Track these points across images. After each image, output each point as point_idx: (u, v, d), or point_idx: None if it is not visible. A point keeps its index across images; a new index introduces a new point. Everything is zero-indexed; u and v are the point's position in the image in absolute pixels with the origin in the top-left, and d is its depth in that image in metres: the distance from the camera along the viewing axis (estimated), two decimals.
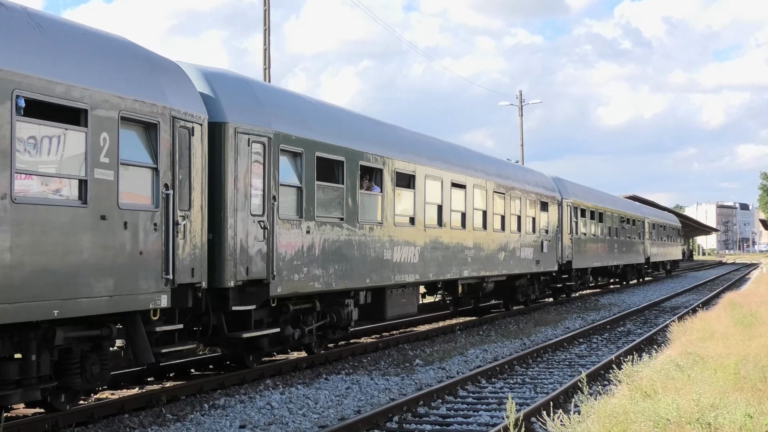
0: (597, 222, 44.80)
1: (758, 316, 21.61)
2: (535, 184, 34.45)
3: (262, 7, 34.37)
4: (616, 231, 50.21)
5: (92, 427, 12.57)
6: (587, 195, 44.21)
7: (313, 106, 19.34)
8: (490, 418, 13.54)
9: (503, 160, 35.23)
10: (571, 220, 38.61)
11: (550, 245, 34.84)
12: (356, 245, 19.23)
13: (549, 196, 35.63)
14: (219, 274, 14.93)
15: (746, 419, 9.17)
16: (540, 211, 33.92)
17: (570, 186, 40.58)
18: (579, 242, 39.97)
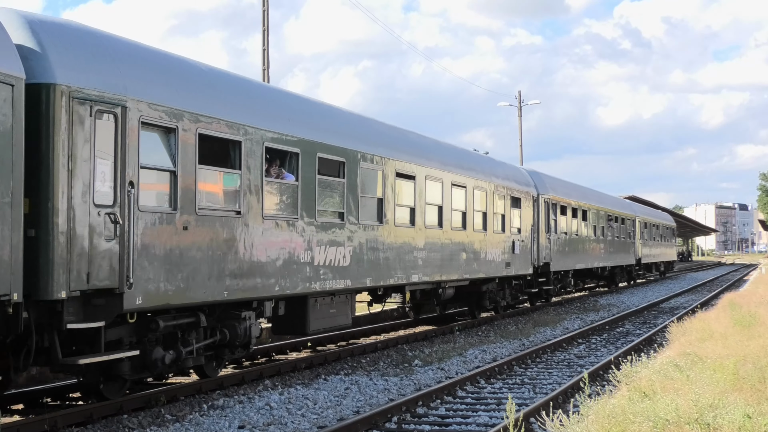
0: (580, 220, 41.13)
1: (757, 316, 21.62)
2: (506, 177, 30.64)
3: (261, 8, 34.35)
4: (603, 230, 46.38)
5: (91, 428, 12.56)
6: (569, 191, 40.59)
7: (196, 71, 15.66)
8: (489, 418, 13.54)
9: (467, 149, 30.62)
10: (550, 218, 35.11)
11: (524, 246, 31.33)
12: (258, 245, 15.66)
13: (522, 191, 31.91)
14: (44, 282, 11.61)
15: (745, 419, 9.17)
16: (511, 207, 30.27)
17: (548, 181, 37.03)
18: (558, 242, 36.47)
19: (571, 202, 39.45)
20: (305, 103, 19.05)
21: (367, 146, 20.02)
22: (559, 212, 36.96)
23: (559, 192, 37.69)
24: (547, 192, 35.31)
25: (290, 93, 19.67)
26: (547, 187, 35.57)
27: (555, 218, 35.92)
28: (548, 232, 34.81)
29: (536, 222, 33.44)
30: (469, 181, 26.37)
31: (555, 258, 35.62)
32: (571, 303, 39.37)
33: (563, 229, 37.52)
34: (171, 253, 13.47)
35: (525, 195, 32.11)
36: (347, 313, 19.56)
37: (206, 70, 16.02)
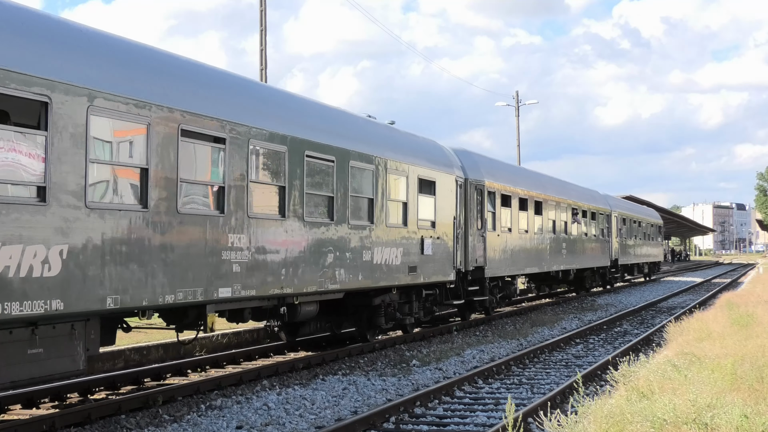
0: (532, 214, 33.73)
1: (755, 316, 21.64)
2: (413, 153, 23.05)
3: (259, 8, 34.34)
4: (566, 226, 38.95)
5: (89, 428, 12.56)
6: (515, 177, 33.19)
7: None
8: (487, 418, 13.54)
9: (342, 110, 21.86)
10: (485, 210, 28.08)
11: (440, 245, 23.89)
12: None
13: (440, 173, 24.25)
14: None
15: (743, 419, 9.18)
16: (419, 194, 22.59)
17: (484, 164, 29.62)
18: (498, 241, 29.36)
19: (518, 191, 32.26)
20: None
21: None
22: (500, 203, 29.85)
23: (500, 178, 30.52)
24: (481, 177, 28.10)
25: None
26: (481, 171, 28.37)
27: (493, 210, 29.00)
28: (482, 228, 27.76)
29: (464, 214, 26.40)
30: (340, 152, 18.66)
31: (492, 261, 28.55)
32: (569, 303, 39.39)
33: (506, 224, 30.57)
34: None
35: (444, 179, 24.39)
36: (72, 353, 12.14)
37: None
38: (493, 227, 28.98)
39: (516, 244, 31.60)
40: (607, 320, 29.67)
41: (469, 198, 27.00)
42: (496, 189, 29.61)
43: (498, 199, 29.74)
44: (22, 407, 13.79)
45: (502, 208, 30.32)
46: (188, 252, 13.75)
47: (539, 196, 35.20)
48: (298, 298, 17.39)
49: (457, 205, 25.68)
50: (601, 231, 46.86)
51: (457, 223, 25.58)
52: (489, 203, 28.78)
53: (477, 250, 27.29)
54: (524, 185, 33.54)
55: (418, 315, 23.57)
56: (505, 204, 30.79)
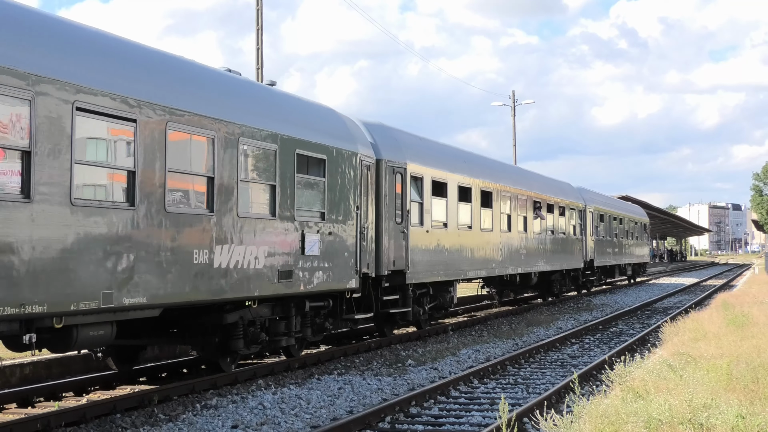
0: (478, 206, 28.24)
1: (750, 316, 21.67)
2: (286, 118, 17.71)
3: (255, 7, 34.33)
4: (525, 222, 33.58)
5: (84, 427, 12.55)
6: (452, 161, 27.40)
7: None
8: (483, 418, 13.54)
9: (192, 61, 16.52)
10: (407, 200, 22.65)
11: (333, 243, 18.68)
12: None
13: (334, 149, 18.80)
14: None
15: (738, 420, 9.18)
16: (297, 174, 17.28)
17: (406, 141, 24.08)
18: (426, 238, 23.87)
19: (458, 178, 26.75)
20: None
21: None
22: (430, 192, 24.39)
23: (431, 161, 25.08)
24: (403, 158, 22.71)
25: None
26: (402, 151, 22.92)
27: (421, 201, 23.70)
28: (403, 223, 22.35)
29: (374, 205, 21.03)
30: (146, 112, 13.26)
31: (418, 263, 23.14)
32: (565, 303, 39.41)
33: (439, 218, 25.24)
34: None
35: (339, 156, 19.01)
36: None
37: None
38: (419, 221, 23.49)
39: (453, 242, 25.95)
40: (603, 320, 29.67)
41: (383, 184, 21.38)
42: (425, 174, 23.97)
43: (427, 186, 24.10)
44: (17, 406, 13.79)
45: (435, 199, 24.68)
46: None
47: (489, 185, 29.47)
48: (62, 319, 11.94)
49: (361, 191, 19.98)
50: (573, 228, 41.39)
51: (362, 215, 19.96)
52: (414, 192, 23.35)
53: (395, 250, 21.76)
54: (467, 171, 27.77)
55: (302, 334, 18.35)
56: (439, 193, 25.13)
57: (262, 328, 17.05)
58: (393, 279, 21.98)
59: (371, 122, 22.92)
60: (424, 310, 24.69)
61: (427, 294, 24.75)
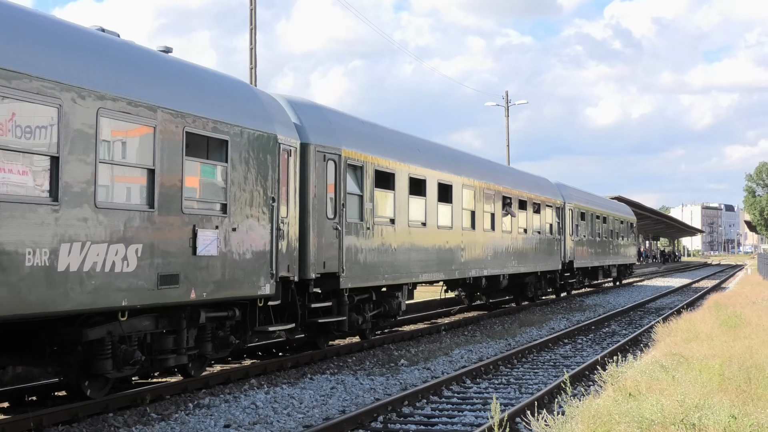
0: (434, 200, 25.00)
1: (743, 317, 21.70)
2: (185, 93, 14.75)
3: (249, 6, 34.32)
4: (492, 219, 30.40)
5: (77, 426, 12.54)
6: (400, 148, 23.78)
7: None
8: (475, 418, 13.56)
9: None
10: (342, 192, 19.47)
11: (239, 241, 15.68)
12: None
13: (240, 129, 15.74)
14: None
15: (730, 420, 9.20)
16: (186, 158, 14.26)
17: (342, 124, 20.72)
18: (368, 236, 20.76)
19: (408, 168, 23.39)
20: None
21: None
22: (373, 183, 21.19)
23: (374, 147, 21.68)
24: (337, 144, 19.43)
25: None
26: (336, 136, 19.70)
27: (360, 193, 20.52)
28: (336, 218, 19.29)
29: (297, 196, 17.96)
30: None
31: (355, 265, 20.08)
32: (558, 303, 39.43)
33: (385, 213, 21.99)
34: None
35: (247, 139, 15.95)
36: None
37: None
38: (359, 217, 20.40)
39: (403, 241, 22.74)
40: (596, 320, 29.70)
41: (310, 172, 18.43)
42: (367, 163, 20.83)
43: (370, 177, 20.94)
44: (9, 405, 13.76)
45: (379, 191, 21.57)
46: None
47: (448, 177, 26.23)
48: None
49: (280, 181, 17.04)
50: (549, 227, 38.32)
51: (281, 208, 17.08)
52: (353, 182, 20.32)
53: (326, 250, 18.82)
54: (421, 161, 24.47)
55: (199, 351, 15.57)
56: (385, 185, 22.02)
57: (141, 345, 14.18)
58: (325, 283, 19.09)
59: (298, 100, 19.81)
60: (365, 318, 21.35)
61: (369, 300, 21.61)
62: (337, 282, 19.30)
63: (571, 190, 44.32)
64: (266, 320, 17.28)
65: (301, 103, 19.59)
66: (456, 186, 26.80)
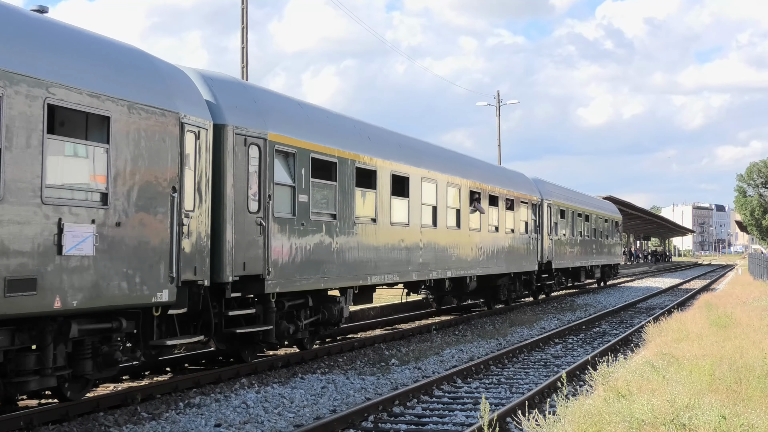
0: (387, 194, 22.46)
1: (733, 317, 21.75)
2: (48, 58, 11.95)
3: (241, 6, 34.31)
4: (458, 216, 27.83)
5: (67, 425, 12.52)
6: (346, 135, 21.09)
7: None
8: (466, 417, 13.56)
9: None
10: (267, 182, 16.85)
11: (125, 238, 12.98)
12: None
13: (133, 106, 13.19)
14: None
15: (720, 420, 9.22)
16: (47, 136, 11.63)
17: (270, 104, 18.22)
18: (302, 233, 18.08)
19: (354, 157, 20.66)
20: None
21: None
22: (308, 173, 18.45)
23: (309, 133, 18.99)
24: (262, 126, 16.94)
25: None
26: (262, 117, 17.19)
27: (293, 184, 17.86)
28: (260, 211, 16.68)
29: (208, 186, 15.27)
30: None
31: (285, 266, 17.50)
32: (548, 302, 39.47)
33: (323, 208, 19.30)
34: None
35: (131, 116, 13.16)
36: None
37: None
38: (291, 211, 17.81)
39: (347, 240, 20.18)
40: (586, 320, 29.73)
41: (227, 158, 15.83)
42: (301, 150, 18.19)
43: (304, 166, 18.30)
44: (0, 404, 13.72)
45: (317, 182, 18.97)
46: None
47: (404, 169, 23.68)
48: None
49: (184, 167, 14.29)
50: (525, 225, 35.86)
51: (185, 199, 14.38)
52: (284, 172, 17.71)
53: (247, 249, 16.25)
54: (371, 150, 21.85)
55: (74, 370, 13.00)
56: (325, 176, 19.46)
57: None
58: (248, 288, 16.56)
59: (215, 74, 17.15)
60: (298, 328, 18.71)
61: (305, 306, 18.99)
62: (262, 286, 16.70)
63: (549, 186, 41.90)
64: (170, 331, 14.87)
65: (218, 79, 16.91)
66: (414, 179, 24.31)
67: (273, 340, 17.63)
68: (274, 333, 17.43)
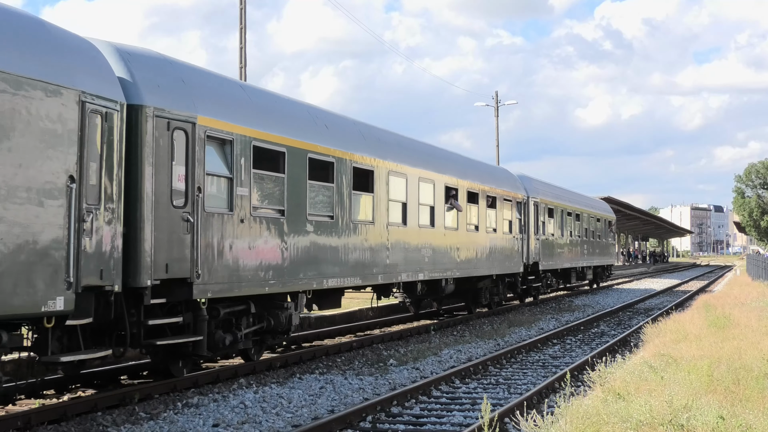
0: (347, 190, 20.12)
1: (732, 318, 21.77)
2: None
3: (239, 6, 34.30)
4: (432, 213, 25.65)
5: (65, 425, 12.51)
6: (295, 121, 18.83)
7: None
8: (464, 418, 13.55)
9: None
10: (194, 172, 14.72)
11: (2, 236, 10.84)
12: None
13: (10, 79, 11.07)
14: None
15: (718, 421, 9.22)
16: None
17: (200, 83, 16.04)
18: (240, 232, 15.97)
19: (301, 145, 18.20)
20: None
21: None
22: (250, 163, 16.36)
23: (250, 118, 16.86)
24: (191, 109, 14.90)
25: None
26: (188, 96, 15.09)
27: (230, 175, 15.77)
28: (187, 206, 14.61)
29: (119, 176, 13.16)
30: None
31: (217, 268, 15.34)
32: (547, 303, 39.48)
33: (270, 202, 17.27)
34: None
35: (9, 91, 11.09)
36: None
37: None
38: (227, 206, 15.70)
39: (298, 239, 17.98)
40: (585, 321, 29.73)
41: (144, 144, 13.80)
42: (239, 136, 15.96)
43: (244, 155, 16.11)
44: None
45: (260, 174, 16.77)
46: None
47: (367, 161, 21.37)
48: None
49: (84, 153, 12.23)
50: (509, 224, 33.64)
51: (88, 191, 12.32)
52: (219, 161, 15.57)
53: (170, 249, 14.19)
54: (326, 140, 19.48)
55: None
56: (270, 167, 17.26)
57: None
58: (175, 293, 14.50)
59: (133, 49, 14.92)
60: (237, 338, 16.45)
61: (246, 313, 16.86)
62: (190, 291, 14.55)
63: (536, 183, 39.55)
64: (73, 345, 12.93)
65: (135, 53, 14.71)
66: (379, 173, 22.02)
67: (204, 352, 15.36)
68: (205, 344, 15.22)
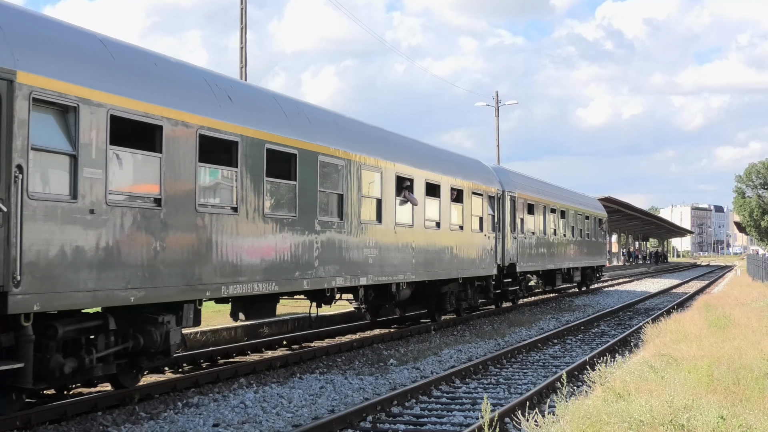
0: (258, 176, 16.29)
1: (732, 318, 21.74)
2: None
3: (240, 5, 34.30)
4: (379, 207, 21.75)
5: (65, 425, 12.51)
6: (174, 87, 14.56)
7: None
8: (464, 418, 13.55)
9: None
10: (13, 146, 10.73)
11: None
12: None
13: None
14: None
15: (719, 421, 9.22)
16: None
17: (13, 27, 11.23)
18: (75, 226, 11.76)
19: (190, 118, 14.32)
20: None
21: None
22: (105, 135, 12.38)
23: (103, 77, 12.65)
24: (6, 62, 10.81)
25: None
26: (5, 43, 10.91)
27: (73, 152, 11.79)
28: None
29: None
30: None
31: (54, 273, 11.49)
32: (547, 303, 39.48)
33: (143, 189, 13.57)
34: None
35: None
36: None
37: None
38: (70, 193, 11.84)
39: (183, 235, 14.15)
40: (585, 321, 29.72)
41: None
42: (86, 101, 12.02)
43: (96, 126, 12.21)
44: None
45: (124, 152, 12.94)
46: None
47: (286, 142, 17.46)
48: None
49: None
50: (479, 220, 29.75)
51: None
52: (55, 133, 11.73)
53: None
54: (225, 114, 15.49)
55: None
56: (140, 145, 13.50)
57: None
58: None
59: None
60: (85, 362, 12.76)
61: (103, 330, 13.21)
62: (4, 303, 10.73)
63: (514, 176, 35.68)
64: None
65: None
66: (304, 158, 18.07)
67: (28, 384, 11.48)
68: (30, 373, 11.38)
